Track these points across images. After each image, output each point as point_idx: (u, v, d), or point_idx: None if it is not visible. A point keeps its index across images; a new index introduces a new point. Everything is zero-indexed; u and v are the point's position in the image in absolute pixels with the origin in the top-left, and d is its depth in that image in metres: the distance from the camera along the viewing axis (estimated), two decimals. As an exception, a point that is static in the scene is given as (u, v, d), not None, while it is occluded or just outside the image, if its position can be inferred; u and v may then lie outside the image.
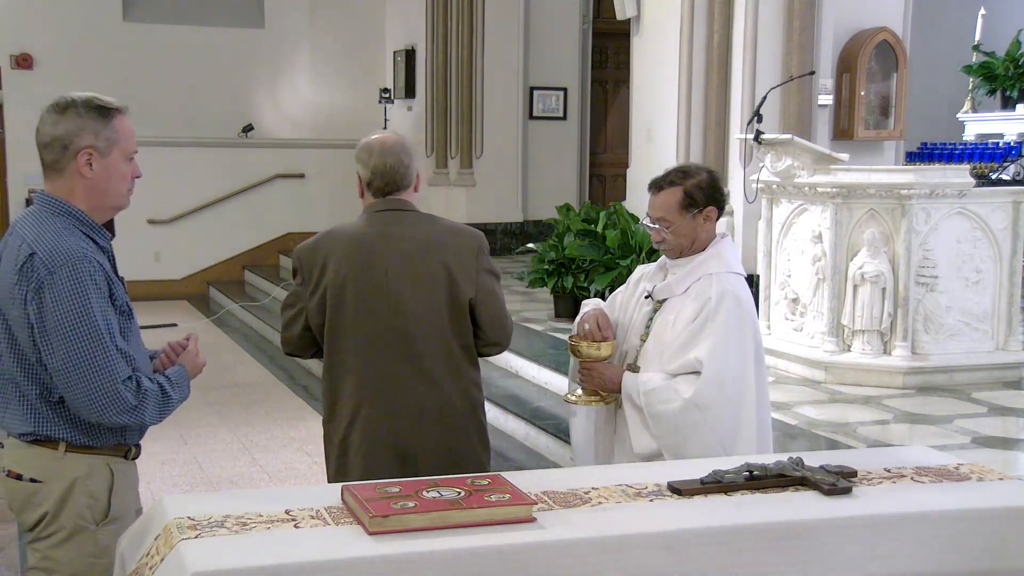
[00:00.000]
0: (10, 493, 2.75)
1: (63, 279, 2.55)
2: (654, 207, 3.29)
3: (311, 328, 3.30)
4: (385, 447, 3.19)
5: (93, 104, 2.64)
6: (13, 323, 2.62)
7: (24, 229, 2.65)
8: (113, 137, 2.66)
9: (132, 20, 12.74)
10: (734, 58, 7.89)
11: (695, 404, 3.09)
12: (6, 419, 2.71)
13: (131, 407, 2.63)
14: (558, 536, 2.35)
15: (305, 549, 2.25)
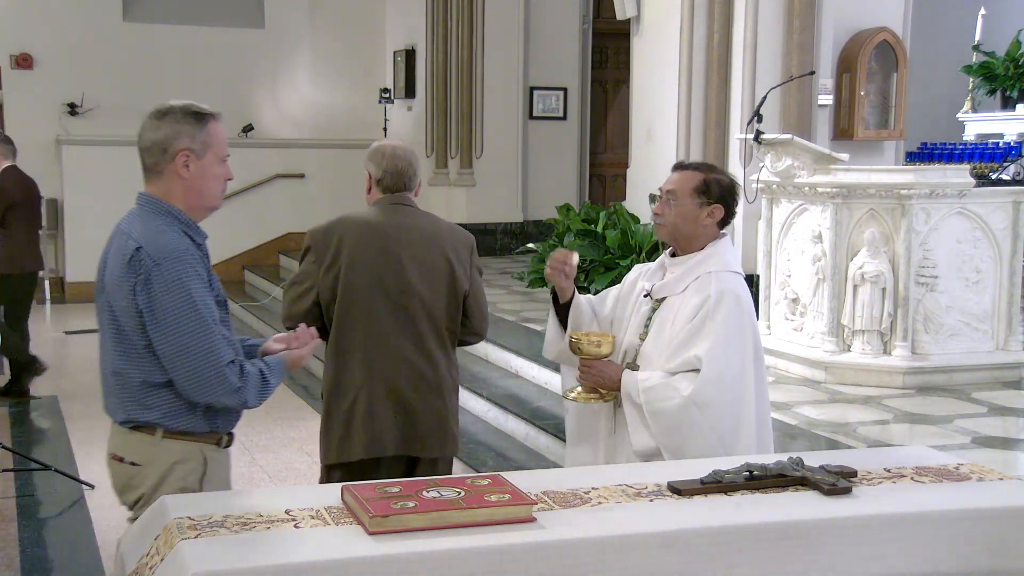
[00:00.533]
0: (113, 474, 2.95)
1: (168, 270, 2.73)
2: (670, 180, 3.33)
3: (320, 304, 3.62)
4: (388, 411, 3.58)
5: (190, 110, 2.84)
6: (120, 313, 2.78)
7: (128, 227, 2.85)
8: (208, 141, 2.84)
9: (132, 20, 12.74)
10: (734, 58, 7.89)
11: (694, 402, 3.10)
12: (109, 406, 2.90)
13: (235, 388, 2.79)
14: (558, 536, 2.35)
15: (305, 549, 2.25)
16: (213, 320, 2.78)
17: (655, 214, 3.35)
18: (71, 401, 7.75)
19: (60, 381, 8.65)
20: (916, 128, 9.28)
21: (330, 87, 13.57)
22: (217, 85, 12.98)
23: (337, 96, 13.58)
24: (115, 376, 2.84)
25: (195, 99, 7.82)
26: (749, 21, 7.73)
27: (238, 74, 13.16)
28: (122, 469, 2.91)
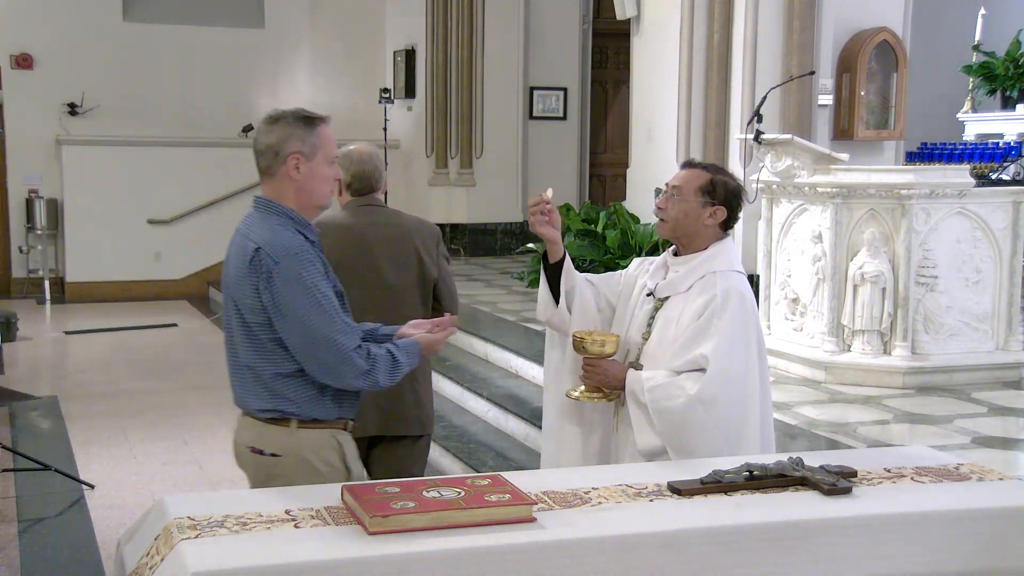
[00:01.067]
0: (254, 467, 3.06)
1: (289, 266, 2.87)
2: (676, 176, 3.33)
3: None
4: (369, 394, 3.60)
5: (300, 115, 2.98)
6: (246, 311, 2.93)
7: (247, 229, 3.00)
8: (317, 143, 2.96)
9: (132, 20, 12.73)
10: (734, 58, 7.90)
11: (700, 401, 3.10)
12: (244, 398, 3.03)
13: (364, 371, 2.91)
14: (558, 536, 2.35)
15: (305, 549, 2.25)
16: (335, 310, 2.91)
17: (658, 207, 3.34)
18: (71, 401, 7.75)
19: (60, 381, 8.65)
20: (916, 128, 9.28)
21: (330, 87, 13.56)
22: (217, 85, 12.98)
23: (337, 96, 13.56)
24: (249, 370, 2.98)
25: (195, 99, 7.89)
26: (749, 21, 7.73)
27: (238, 74, 13.15)
28: (262, 461, 3.02)
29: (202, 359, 9.50)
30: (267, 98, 13.40)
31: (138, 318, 11.11)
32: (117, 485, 5.94)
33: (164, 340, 10.34)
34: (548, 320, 3.45)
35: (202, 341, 10.04)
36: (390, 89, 12.47)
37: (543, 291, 3.43)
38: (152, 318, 11.14)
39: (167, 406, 7.44)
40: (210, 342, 10.15)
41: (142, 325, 10.81)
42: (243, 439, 3.07)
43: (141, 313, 11.43)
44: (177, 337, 10.53)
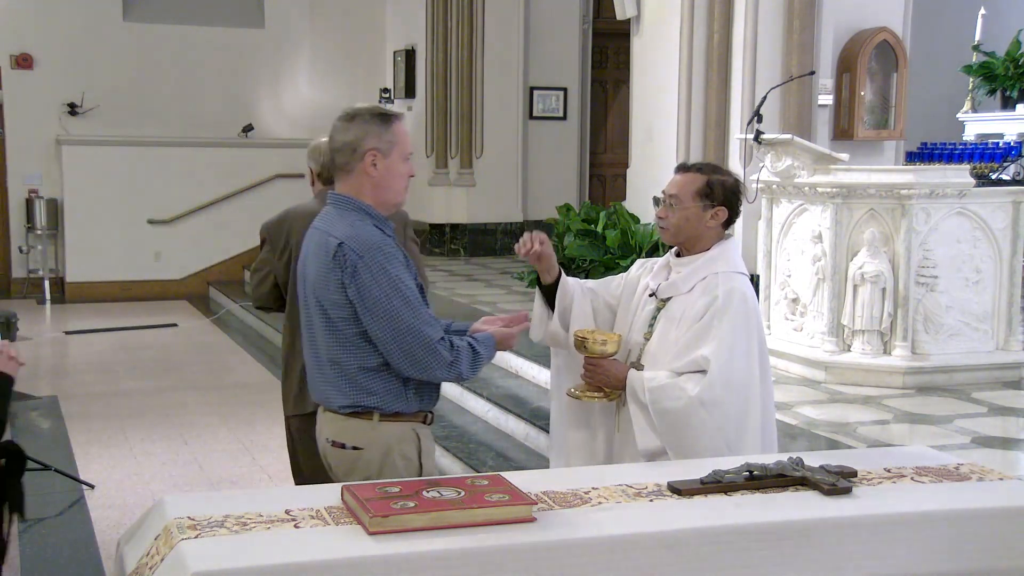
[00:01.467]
0: (335, 461, 3.11)
1: (372, 260, 2.91)
2: (672, 184, 3.31)
3: (279, 285, 4.24)
4: None
5: (376, 112, 3.03)
6: (330, 306, 2.96)
7: (326, 225, 3.03)
8: (393, 140, 3.01)
9: (132, 20, 12.73)
10: (734, 58, 7.89)
11: (701, 402, 3.09)
12: (327, 394, 3.06)
13: (448, 363, 2.96)
14: (558, 536, 2.35)
15: (305, 549, 2.25)
16: (418, 302, 2.96)
17: (658, 218, 3.34)
18: (71, 401, 7.75)
19: (60, 381, 8.65)
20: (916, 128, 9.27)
21: (330, 87, 13.56)
22: (217, 85, 12.99)
23: (337, 96, 13.55)
24: (332, 365, 3.01)
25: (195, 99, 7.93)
26: (749, 21, 7.73)
27: (238, 74, 13.16)
28: (345, 455, 3.07)
29: (202, 359, 9.50)
30: (267, 98, 13.41)
31: (138, 318, 11.11)
32: (117, 485, 5.94)
33: (164, 340, 10.34)
34: (542, 340, 3.47)
35: (202, 341, 10.04)
36: (390, 89, 12.48)
37: (538, 310, 3.44)
38: (152, 318, 11.15)
39: (167, 406, 7.44)
40: (210, 342, 10.16)
41: (142, 325, 10.81)
42: (325, 434, 3.13)
43: (141, 313, 11.43)
44: (177, 337, 10.53)
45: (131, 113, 12.57)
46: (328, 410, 3.09)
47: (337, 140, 3.01)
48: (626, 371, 3.25)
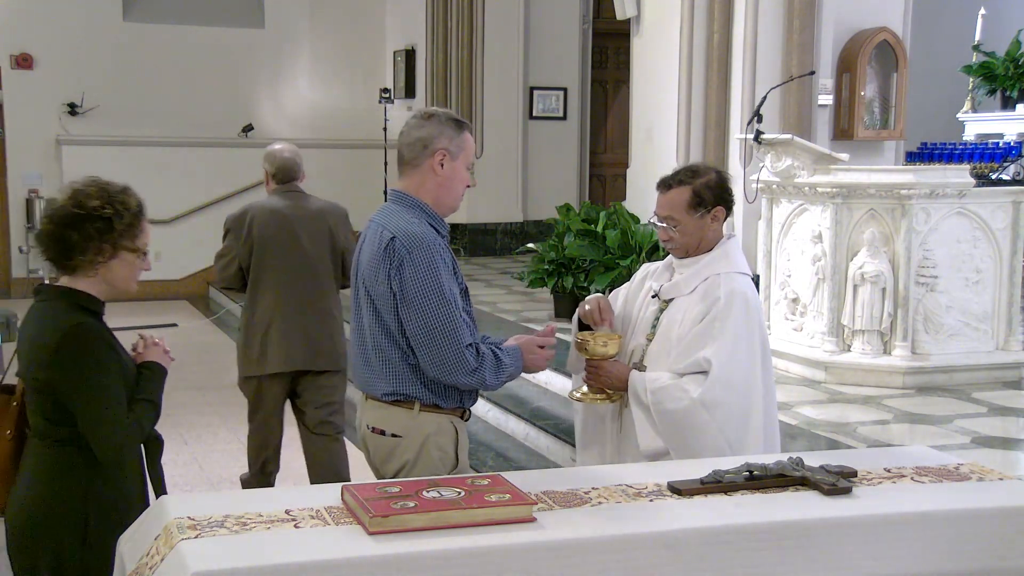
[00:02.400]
0: (374, 447, 3.20)
1: (419, 257, 2.99)
2: (662, 205, 3.28)
3: (242, 268, 4.99)
4: (298, 336, 4.94)
5: (451, 117, 3.15)
6: (377, 298, 3.06)
7: (383, 219, 3.12)
8: (462, 145, 3.13)
9: (132, 20, 12.73)
10: (734, 58, 7.89)
11: (703, 403, 3.09)
12: (370, 381, 3.14)
13: (472, 369, 3.02)
14: (558, 536, 2.35)
15: (305, 549, 2.25)
16: (456, 305, 3.02)
17: (663, 240, 3.32)
18: (71, 401, 7.74)
19: (60, 381, 8.65)
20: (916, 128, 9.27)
21: (330, 87, 13.56)
22: (217, 85, 12.99)
23: (337, 96, 13.57)
24: (377, 353, 3.09)
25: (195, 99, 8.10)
26: (749, 21, 7.73)
27: (238, 74, 13.16)
28: (383, 441, 3.15)
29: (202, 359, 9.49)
30: (267, 98, 13.41)
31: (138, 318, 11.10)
32: (117, 485, 5.93)
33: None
34: (579, 371, 3.45)
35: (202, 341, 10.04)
36: (390, 89, 12.47)
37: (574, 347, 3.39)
38: (152, 318, 11.14)
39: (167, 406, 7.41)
40: (210, 342, 10.16)
41: (142, 325, 10.80)
42: (365, 420, 3.20)
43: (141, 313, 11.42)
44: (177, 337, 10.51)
45: (131, 113, 12.57)
46: (370, 397, 3.16)
47: (411, 135, 3.10)
48: (628, 372, 3.24)
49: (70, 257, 2.76)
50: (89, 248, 2.74)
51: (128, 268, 2.83)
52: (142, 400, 2.88)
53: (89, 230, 2.73)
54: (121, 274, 2.82)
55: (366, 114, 13.09)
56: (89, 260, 2.76)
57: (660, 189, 3.31)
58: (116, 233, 2.75)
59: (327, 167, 13.24)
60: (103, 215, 2.74)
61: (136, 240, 2.80)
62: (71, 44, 12.44)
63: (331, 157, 13.26)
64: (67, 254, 2.76)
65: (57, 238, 2.75)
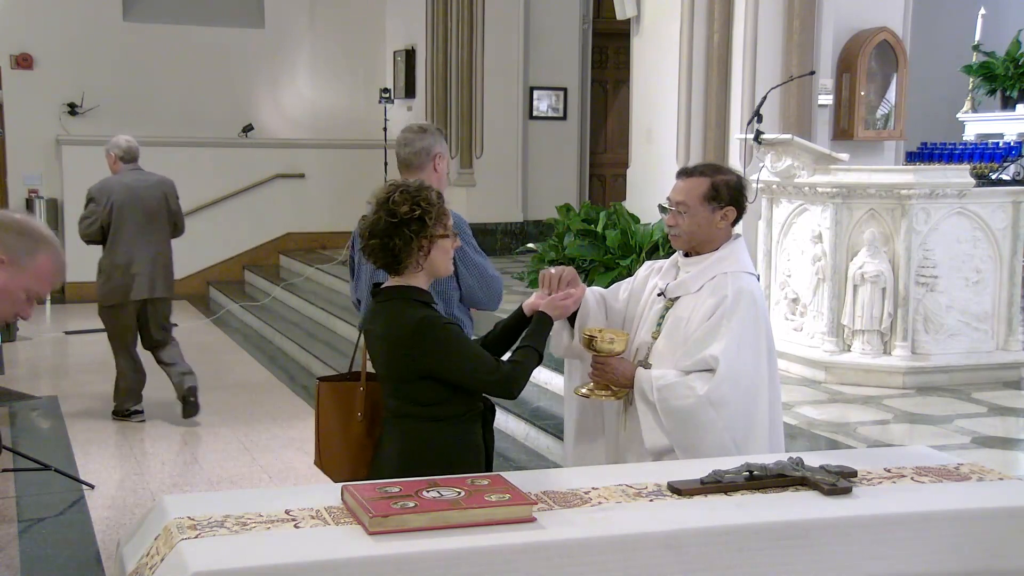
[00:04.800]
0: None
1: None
2: (677, 190, 3.30)
3: (103, 227, 6.91)
4: (148, 272, 6.98)
5: (439, 128, 4.05)
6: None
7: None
8: (446, 150, 4.03)
9: (132, 20, 12.73)
10: (734, 58, 7.89)
11: (709, 401, 3.10)
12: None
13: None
14: (558, 536, 2.35)
15: (305, 549, 2.25)
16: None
17: (668, 226, 3.34)
18: (71, 401, 7.75)
19: (60, 381, 8.65)
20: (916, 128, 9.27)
21: (330, 87, 13.56)
22: (217, 85, 12.99)
23: (337, 96, 13.57)
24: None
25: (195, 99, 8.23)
26: (749, 21, 7.72)
27: (238, 74, 13.15)
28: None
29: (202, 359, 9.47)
30: (267, 98, 13.41)
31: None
32: (117, 485, 5.94)
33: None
34: (566, 353, 3.49)
35: (202, 341, 10.03)
36: (390, 89, 12.47)
37: (558, 327, 3.41)
38: (152, 318, 11.12)
39: (167, 406, 7.43)
40: (210, 342, 10.15)
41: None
42: None
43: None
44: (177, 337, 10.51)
45: (131, 113, 12.56)
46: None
47: (415, 145, 3.89)
48: (634, 370, 3.25)
49: (399, 261, 3.08)
50: (412, 249, 3.06)
51: (444, 253, 3.13)
52: (526, 347, 3.18)
53: (407, 233, 3.04)
54: (439, 261, 3.13)
55: (366, 114, 13.08)
56: (413, 259, 3.07)
57: (680, 176, 3.35)
58: (429, 228, 3.06)
59: (327, 167, 13.27)
60: (415, 216, 3.03)
61: (445, 226, 3.12)
62: (71, 44, 12.43)
63: (331, 157, 13.27)
64: (396, 259, 3.07)
65: (384, 249, 3.06)
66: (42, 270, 2.54)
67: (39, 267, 2.53)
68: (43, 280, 2.56)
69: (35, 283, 2.55)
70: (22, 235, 2.53)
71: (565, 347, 3.46)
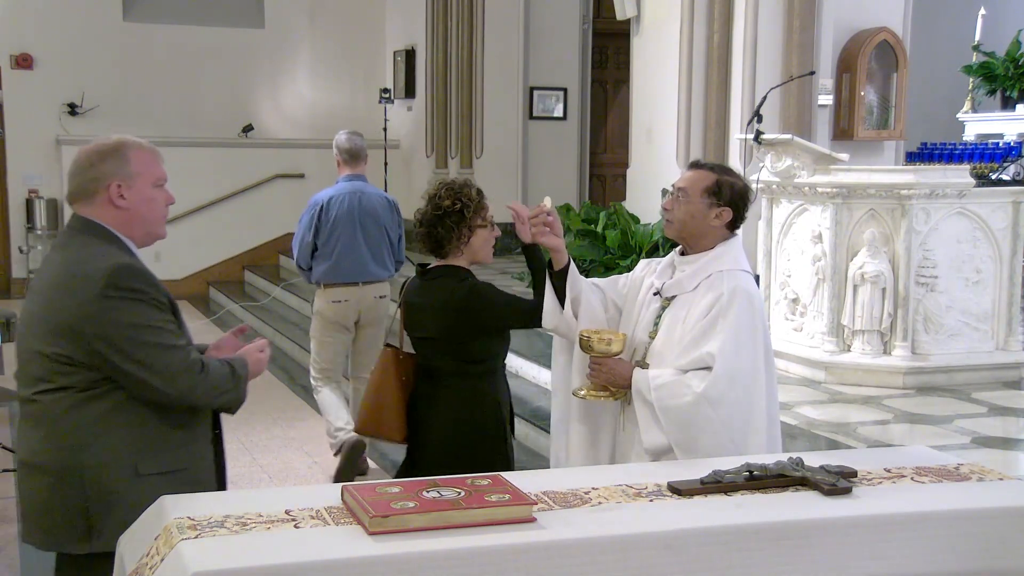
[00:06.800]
0: None
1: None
2: (683, 178, 3.33)
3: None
4: None
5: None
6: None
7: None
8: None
9: (132, 20, 12.73)
10: (734, 58, 7.89)
11: (707, 399, 3.10)
12: None
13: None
14: (558, 536, 2.35)
15: (305, 549, 2.25)
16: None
17: (664, 209, 3.36)
18: (71, 401, 7.74)
19: (60, 381, 8.64)
20: (916, 128, 9.27)
21: (330, 87, 13.56)
22: (217, 85, 12.98)
23: (337, 96, 13.57)
24: None
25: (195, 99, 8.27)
26: (749, 21, 7.72)
27: (238, 74, 13.15)
28: None
29: (202, 359, 9.49)
30: (267, 98, 13.41)
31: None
32: (117, 485, 5.92)
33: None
34: (555, 328, 3.46)
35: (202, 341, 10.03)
36: (390, 89, 12.47)
37: (549, 298, 3.42)
38: (152, 318, 11.12)
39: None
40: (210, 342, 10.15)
41: (142, 325, 10.78)
42: None
43: (141, 313, 11.40)
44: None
45: (131, 113, 12.56)
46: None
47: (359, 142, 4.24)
48: (631, 370, 3.25)
49: (442, 246, 3.65)
50: (452, 236, 3.62)
51: (483, 240, 3.68)
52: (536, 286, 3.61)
53: (448, 223, 3.61)
54: (479, 247, 3.68)
55: (366, 114, 13.07)
56: (454, 245, 3.64)
57: (690, 167, 3.38)
58: (468, 219, 3.61)
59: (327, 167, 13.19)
60: (455, 209, 3.59)
61: (484, 217, 3.65)
62: (71, 44, 12.43)
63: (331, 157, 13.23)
64: (439, 245, 3.65)
65: (429, 236, 3.65)
66: (142, 163, 2.89)
67: (138, 164, 2.87)
68: (151, 167, 2.93)
69: (151, 175, 2.92)
70: (105, 158, 2.81)
71: (557, 320, 3.41)
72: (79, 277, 2.68)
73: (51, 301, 2.72)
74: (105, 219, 2.79)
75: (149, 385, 2.69)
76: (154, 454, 2.76)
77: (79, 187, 2.82)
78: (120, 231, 2.80)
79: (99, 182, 2.78)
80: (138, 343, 2.68)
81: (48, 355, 2.70)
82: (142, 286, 2.72)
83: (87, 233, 2.78)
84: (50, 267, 2.81)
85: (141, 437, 2.75)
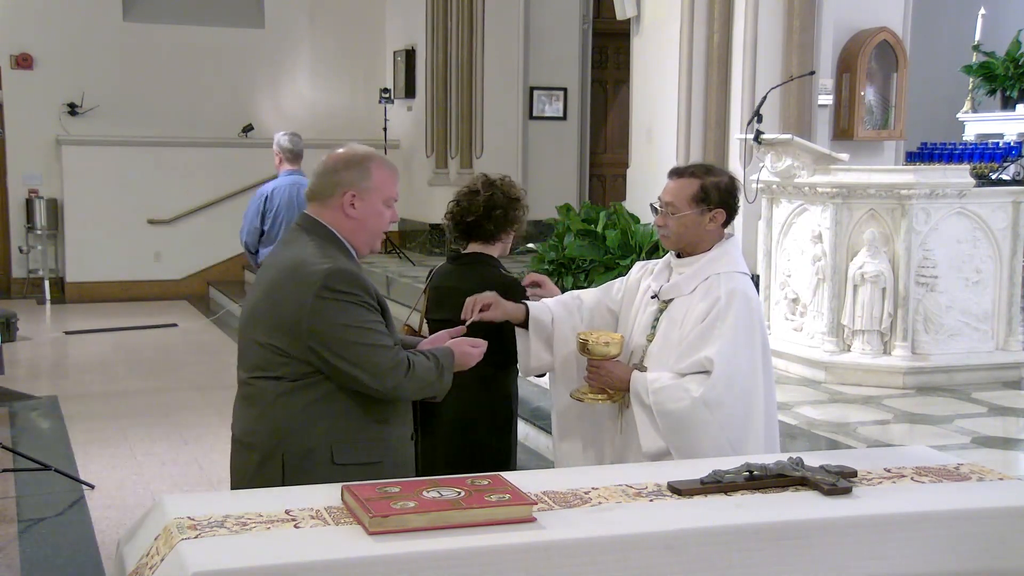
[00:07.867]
0: None
1: None
2: (667, 191, 3.30)
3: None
4: None
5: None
6: None
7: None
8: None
9: (132, 20, 12.73)
10: (734, 58, 7.89)
11: (705, 403, 3.09)
12: None
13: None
14: (558, 536, 2.35)
15: (305, 549, 2.25)
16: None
17: (657, 226, 3.34)
18: (71, 401, 7.75)
19: (60, 381, 8.65)
20: (916, 128, 9.27)
21: (330, 87, 13.56)
22: (217, 85, 12.98)
23: (337, 96, 13.56)
24: None
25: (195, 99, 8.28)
26: (749, 21, 7.72)
27: (238, 74, 13.15)
28: None
29: (202, 359, 9.50)
30: (267, 98, 13.41)
31: (138, 318, 11.11)
32: (117, 485, 5.93)
33: (164, 340, 10.34)
34: (536, 370, 3.52)
35: (202, 341, 10.04)
36: (390, 89, 12.47)
37: (521, 345, 3.45)
38: (152, 318, 11.14)
39: (167, 406, 7.44)
40: (210, 342, 10.16)
41: (142, 325, 10.80)
42: None
43: (141, 313, 11.43)
44: (177, 337, 10.53)
45: (131, 113, 12.56)
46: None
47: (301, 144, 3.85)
48: (629, 373, 3.24)
49: (490, 235, 3.73)
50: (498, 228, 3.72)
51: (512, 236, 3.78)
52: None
53: (497, 216, 3.70)
54: (509, 241, 3.79)
55: (366, 114, 13.08)
56: (498, 236, 3.73)
57: (671, 176, 3.34)
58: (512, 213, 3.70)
59: (327, 167, 13.24)
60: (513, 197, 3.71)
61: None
62: (71, 44, 12.43)
63: (331, 157, 13.25)
64: (488, 233, 3.73)
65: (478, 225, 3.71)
66: (381, 180, 2.95)
67: (377, 180, 2.94)
68: (388, 186, 2.97)
69: (385, 193, 2.96)
70: (350, 166, 2.94)
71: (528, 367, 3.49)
72: (298, 277, 2.85)
73: (272, 296, 2.91)
74: (333, 222, 2.95)
75: (360, 381, 2.85)
76: (351, 445, 2.90)
77: (318, 187, 3.00)
78: (344, 235, 2.96)
79: (337, 187, 2.95)
80: (349, 342, 2.83)
81: (265, 345, 2.89)
82: (354, 289, 2.87)
83: (312, 233, 2.96)
84: (274, 263, 2.99)
85: (341, 428, 2.90)
